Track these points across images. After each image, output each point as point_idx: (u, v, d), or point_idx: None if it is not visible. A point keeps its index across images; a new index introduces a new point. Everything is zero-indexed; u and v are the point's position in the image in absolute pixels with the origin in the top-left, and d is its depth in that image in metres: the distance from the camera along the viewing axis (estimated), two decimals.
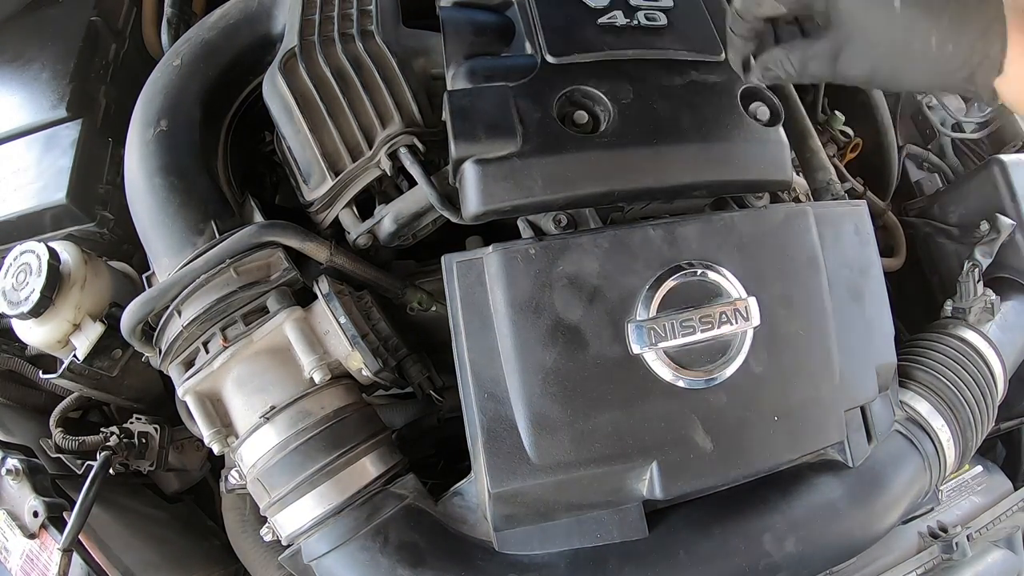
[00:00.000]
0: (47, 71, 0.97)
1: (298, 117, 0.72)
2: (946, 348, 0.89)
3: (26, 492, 0.78)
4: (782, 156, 0.68)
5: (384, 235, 0.75)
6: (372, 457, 0.68)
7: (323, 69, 0.73)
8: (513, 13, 0.72)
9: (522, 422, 0.60)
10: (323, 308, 0.71)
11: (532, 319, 0.61)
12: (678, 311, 0.62)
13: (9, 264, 0.80)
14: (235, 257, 0.69)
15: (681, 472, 0.61)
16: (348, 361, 0.71)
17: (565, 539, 0.64)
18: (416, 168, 0.70)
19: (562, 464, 0.60)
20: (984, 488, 0.98)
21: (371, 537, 0.65)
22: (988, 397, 0.87)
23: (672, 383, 0.62)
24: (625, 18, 0.70)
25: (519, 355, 0.60)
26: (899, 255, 1.12)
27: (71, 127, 0.92)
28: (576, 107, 0.65)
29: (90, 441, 0.81)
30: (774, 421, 0.64)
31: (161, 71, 0.81)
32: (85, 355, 0.80)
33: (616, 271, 0.63)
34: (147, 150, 0.75)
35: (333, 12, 0.77)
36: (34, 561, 0.77)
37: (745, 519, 0.66)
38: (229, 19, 0.83)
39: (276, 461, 0.66)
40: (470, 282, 0.63)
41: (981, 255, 0.99)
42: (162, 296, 0.70)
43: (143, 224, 0.75)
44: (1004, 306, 0.97)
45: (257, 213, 0.76)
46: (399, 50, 0.75)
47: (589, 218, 0.68)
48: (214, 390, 0.70)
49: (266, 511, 0.69)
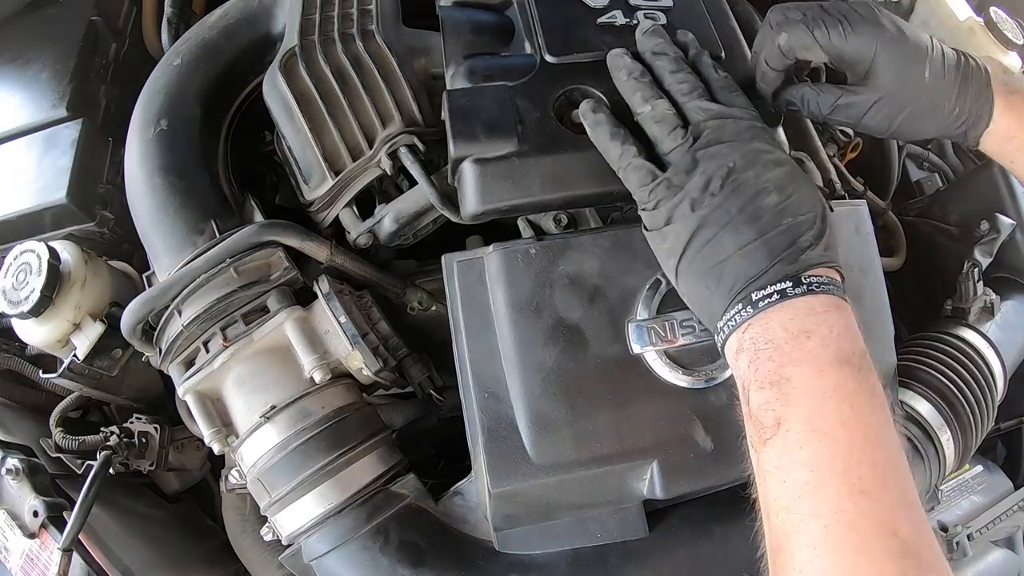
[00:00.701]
0: (47, 71, 0.97)
1: (298, 117, 0.72)
2: (946, 348, 0.89)
3: (26, 492, 0.78)
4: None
5: (384, 235, 0.75)
6: (372, 457, 0.68)
7: (323, 69, 0.73)
8: (512, 13, 0.72)
9: (522, 422, 0.60)
10: (323, 308, 0.71)
11: (532, 319, 0.61)
12: (678, 311, 0.62)
13: (9, 264, 0.80)
14: (235, 257, 0.69)
15: (681, 472, 0.61)
16: (348, 361, 0.71)
17: (565, 539, 0.64)
18: (416, 168, 0.70)
19: (562, 464, 0.60)
20: (984, 488, 0.98)
21: (371, 537, 0.65)
22: (988, 397, 0.87)
23: (672, 383, 0.62)
24: (625, 18, 0.70)
25: (519, 355, 0.61)
26: (899, 255, 1.12)
27: (71, 127, 0.92)
28: (575, 107, 0.65)
29: (90, 441, 0.81)
30: None
31: (161, 71, 0.81)
32: (85, 355, 0.79)
33: (616, 271, 0.63)
34: (147, 150, 0.75)
35: (333, 12, 0.77)
36: (34, 561, 0.77)
37: (745, 519, 0.65)
38: (229, 19, 0.83)
39: (276, 461, 0.66)
40: (470, 282, 0.63)
41: (981, 255, 0.99)
42: (162, 296, 0.70)
43: (143, 224, 0.75)
44: (1004, 306, 0.97)
45: (257, 213, 0.76)
46: (399, 50, 0.75)
47: (589, 218, 0.68)
48: (214, 390, 0.70)
49: (266, 511, 0.69)
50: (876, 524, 0.44)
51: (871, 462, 0.46)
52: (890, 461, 0.47)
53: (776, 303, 0.50)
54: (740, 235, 0.52)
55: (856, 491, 0.45)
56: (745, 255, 0.52)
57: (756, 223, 0.52)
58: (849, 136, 1.13)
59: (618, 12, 0.70)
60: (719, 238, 0.53)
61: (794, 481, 0.47)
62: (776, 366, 0.50)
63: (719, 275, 0.53)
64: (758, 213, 0.52)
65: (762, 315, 0.51)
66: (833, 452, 0.47)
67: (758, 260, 0.51)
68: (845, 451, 0.47)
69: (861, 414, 0.48)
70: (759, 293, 0.51)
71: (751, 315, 0.51)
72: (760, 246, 0.51)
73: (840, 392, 0.48)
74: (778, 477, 0.48)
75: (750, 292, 0.51)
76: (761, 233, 0.52)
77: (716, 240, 0.53)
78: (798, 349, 0.49)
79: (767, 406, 0.50)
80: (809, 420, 0.48)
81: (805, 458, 0.47)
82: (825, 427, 0.47)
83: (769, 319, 0.51)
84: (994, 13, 1.17)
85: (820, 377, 0.48)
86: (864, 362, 0.50)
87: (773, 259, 0.51)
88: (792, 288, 0.50)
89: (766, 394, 0.50)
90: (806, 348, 0.49)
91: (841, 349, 0.49)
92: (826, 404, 0.48)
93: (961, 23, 1.17)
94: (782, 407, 0.49)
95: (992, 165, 1.05)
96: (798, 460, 0.47)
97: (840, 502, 0.45)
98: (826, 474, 0.46)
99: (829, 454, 0.47)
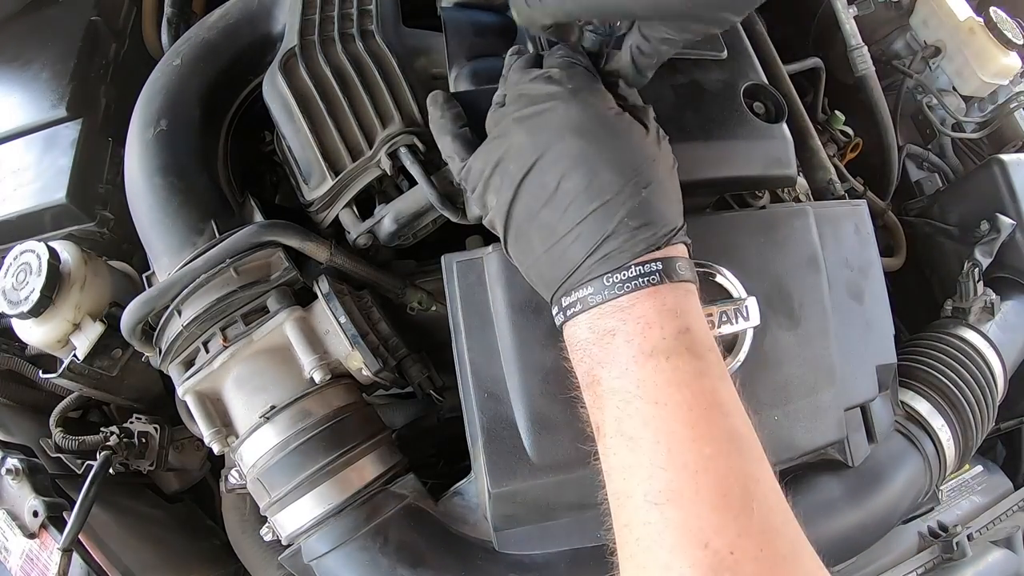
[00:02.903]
0: (47, 71, 0.97)
1: (298, 117, 0.72)
2: (946, 348, 0.89)
3: (26, 492, 0.78)
4: (787, 152, 0.68)
5: (384, 235, 0.75)
6: (372, 457, 0.68)
7: (323, 69, 0.73)
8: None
9: (522, 422, 0.60)
10: (323, 308, 0.71)
11: (532, 319, 0.61)
12: None
13: (9, 264, 0.80)
14: (235, 257, 0.69)
15: None
16: (348, 361, 0.71)
17: (565, 539, 0.64)
18: (416, 168, 0.70)
19: (562, 464, 0.60)
20: (984, 488, 0.98)
21: (371, 537, 0.65)
22: (988, 397, 0.87)
23: None
24: None
25: (519, 355, 0.60)
26: (899, 255, 1.12)
27: (71, 127, 0.92)
28: None
29: (90, 441, 0.81)
30: (774, 420, 0.64)
31: (161, 71, 0.81)
32: (85, 355, 0.80)
33: None
34: (147, 150, 0.75)
35: (333, 12, 0.77)
36: (34, 561, 0.77)
37: None
38: (229, 19, 0.83)
39: (276, 461, 0.66)
40: (470, 282, 0.63)
41: (981, 255, 0.99)
42: (162, 296, 0.70)
43: (143, 224, 0.75)
44: (1004, 306, 0.97)
45: (257, 213, 0.76)
46: (399, 50, 0.75)
47: None
48: (214, 390, 0.70)
49: (266, 511, 0.69)
50: (683, 534, 0.41)
51: (678, 465, 0.42)
52: (706, 459, 0.43)
53: (580, 312, 0.48)
54: (545, 230, 0.49)
55: (662, 500, 0.42)
56: (554, 252, 0.49)
57: (559, 213, 0.48)
58: (849, 136, 1.14)
59: None
60: (530, 234, 0.50)
61: (612, 492, 0.46)
62: (587, 368, 0.48)
63: (538, 272, 0.51)
64: (559, 200, 0.48)
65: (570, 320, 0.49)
66: (637, 458, 0.44)
67: (565, 261, 0.48)
68: (648, 456, 0.43)
69: (668, 410, 0.44)
70: (566, 299, 0.49)
71: (562, 320, 0.50)
72: (567, 243, 0.48)
73: (645, 388, 0.44)
74: (605, 485, 0.47)
75: (560, 297, 0.50)
76: (566, 225, 0.47)
77: (530, 236, 0.50)
78: (603, 350, 0.47)
79: (588, 410, 0.49)
80: (616, 423, 0.45)
81: (616, 465, 0.45)
82: (630, 430, 0.44)
83: (576, 322, 0.49)
84: (994, 13, 1.17)
85: (624, 376, 0.45)
86: (678, 344, 0.45)
87: (577, 262, 0.47)
88: (593, 295, 0.47)
89: (587, 396, 0.48)
90: (611, 348, 0.46)
91: (647, 340, 0.45)
92: (630, 405, 0.45)
93: (961, 23, 1.17)
94: (597, 411, 0.47)
95: (992, 165, 1.05)
96: (613, 467, 0.46)
97: (646, 513, 0.42)
98: (632, 482, 0.44)
99: (633, 460, 0.44)
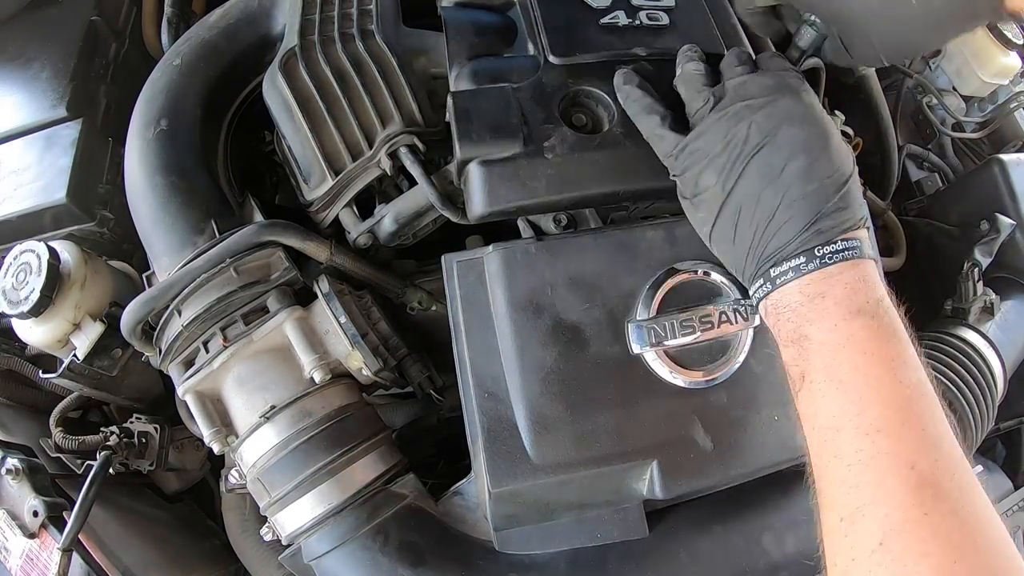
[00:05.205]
0: (47, 71, 0.97)
1: (298, 117, 0.72)
2: (946, 348, 0.89)
3: (26, 492, 0.78)
4: None
5: (384, 235, 0.75)
6: (372, 456, 0.68)
7: (323, 69, 0.73)
8: (515, 13, 0.72)
9: (522, 422, 0.60)
10: (323, 308, 0.71)
11: (532, 319, 0.61)
12: (678, 311, 0.62)
13: (9, 264, 0.80)
14: (235, 256, 0.69)
15: (681, 472, 0.61)
16: (348, 361, 0.71)
17: (565, 539, 0.64)
18: (416, 168, 0.70)
19: (562, 464, 0.60)
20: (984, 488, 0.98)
21: (371, 537, 0.65)
22: (988, 397, 0.87)
23: (672, 383, 0.62)
24: (627, 18, 0.70)
25: (519, 355, 0.60)
26: (899, 255, 1.12)
27: (71, 127, 0.92)
28: (579, 107, 0.65)
29: (90, 441, 0.81)
30: (774, 421, 0.64)
31: (161, 71, 0.81)
32: (85, 355, 0.80)
33: (616, 271, 0.63)
34: (147, 149, 0.75)
35: (333, 12, 0.77)
36: (34, 561, 0.77)
37: (745, 519, 0.66)
38: (229, 19, 0.83)
39: (276, 460, 0.66)
40: (470, 282, 0.63)
41: (981, 255, 0.99)
42: (162, 295, 0.70)
43: (143, 223, 0.75)
44: (1004, 306, 0.97)
45: (257, 213, 0.76)
46: (399, 50, 0.75)
47: (589, 218, 0.67)
48: (214, 390, 0.70)
49: (266, 510, 0.69)
50: (893, 459, 0.47)
51: (886, 402, 0.49)
52: (907, 399, 0.49)
53: (792, 280, 0.54)
54: (763, 207, 0.55)
55: (873, 430, 0.48)
56: (768, 228, 0.55)
57: (780, 192, 0.54)
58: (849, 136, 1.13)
59: (620, 12, 0.70)
60: (746, 210, 0.55)
61: (820, 427, 0.52)
62: (795, 326, 0.54)
63: (745, 248, 0.56)
64: (783, 180, 0.54)
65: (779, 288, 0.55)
66: (849, 397, 0.50)
67: (780, 235, 0.54)
68: (859, 395, 0.50)
69: (875, 359, 0.51)
70: (776, 270, 0.55)
71: (769, 290, 0.56)
72: (781, 219, 0.54)
73: (853, 341, 0.51)
74: (808, 425, 0.53)
75: (768, 268, 0.55)
76: (785, 203, 0.54)
77: (743, 213, 0.56)
78: (813, 310, 0.53)
79: (792, 362, 0.54)
80: (826, 371, 0.52)
81: (825, 405, 0.51)
82: (840, 375, 0.51)
83: (786, 289, 0.55)
84: None
85: (834, 331, 0.52)
86: (879, 308, 0.53)
87: (792, 235, 0.54)
88: (806, 264, 0.53)
89: (791, 351, 0.54)
90: (821, 307, 0.53)
91: (853, 302, 0.52)
92: (839, 354, 0.51)
93: None
94: (804, 362, 0.53)
95: (992, 165, 1.05)
96: (820, 408, 0.52)
97: (858, 442, 0.49)
98: (844, 418, 0.50)
99: (845, 399, 0.50)
